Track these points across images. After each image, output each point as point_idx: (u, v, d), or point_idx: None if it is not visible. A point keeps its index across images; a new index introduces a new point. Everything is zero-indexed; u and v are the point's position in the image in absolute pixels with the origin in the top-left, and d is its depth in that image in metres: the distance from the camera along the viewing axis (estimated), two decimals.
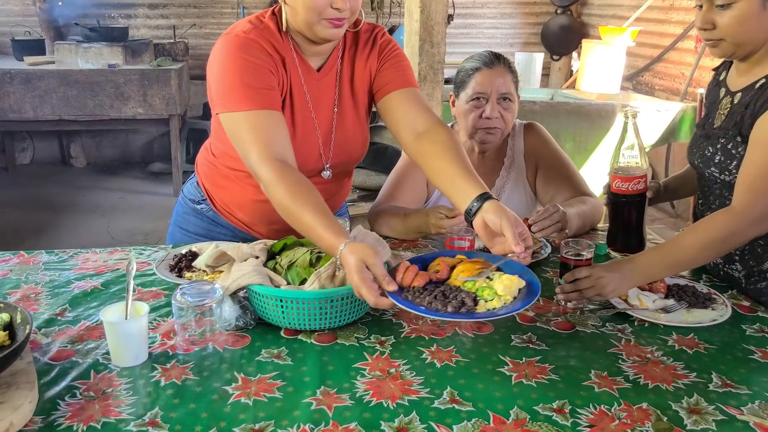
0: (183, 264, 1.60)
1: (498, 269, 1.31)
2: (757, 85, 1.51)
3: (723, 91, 1.66)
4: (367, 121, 1.72)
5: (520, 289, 1.25)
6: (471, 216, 1.33)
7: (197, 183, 1.83)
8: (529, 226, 1.70)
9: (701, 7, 1.50)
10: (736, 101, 1.58)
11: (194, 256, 1.63)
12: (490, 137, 1.95)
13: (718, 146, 1.58)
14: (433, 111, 1.64)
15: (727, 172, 1.56)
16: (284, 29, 1.54)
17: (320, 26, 1.46)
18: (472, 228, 1.36)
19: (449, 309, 1.20)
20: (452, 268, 1.32)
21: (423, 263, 1.36)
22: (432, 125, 1.55)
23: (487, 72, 1.91)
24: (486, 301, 1.21)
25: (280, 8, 1.54)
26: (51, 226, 4.94)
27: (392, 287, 1.22)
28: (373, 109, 1.73)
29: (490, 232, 1.30)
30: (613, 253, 1.78)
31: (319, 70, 1.62)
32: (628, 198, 1.63)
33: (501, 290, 1.22)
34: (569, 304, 1.46)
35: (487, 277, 1.26)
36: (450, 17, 3.44)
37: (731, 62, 1.65)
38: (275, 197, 1.38)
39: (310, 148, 1.63)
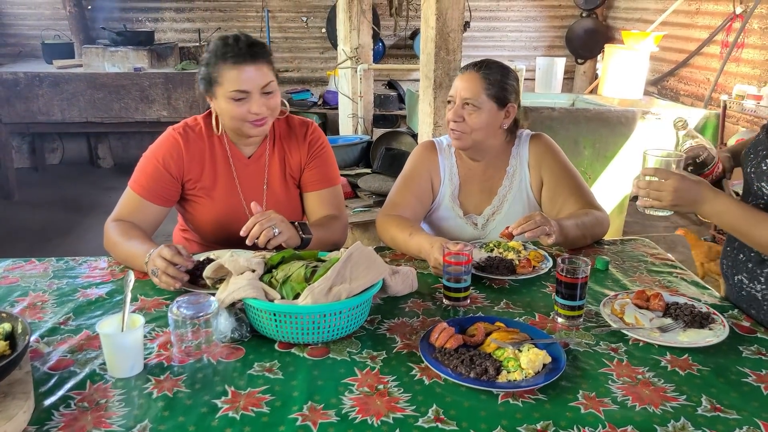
0: (199, 272, 1.62)
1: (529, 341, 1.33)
2: None
3: None
4: (298, 194, 2.06)
5: (545, 364, 1.28)
6: None
7: None
8: (511, 235, 1.69)
9: None
10: None
11: (211, 263, 1.65)
12: (456, 142, 2.00)
13: None
14: (342, 206, 2.06)
15: None
16: (219, 131, 1.92)
17: (245, 128, 1.83)
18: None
19: (471, 375, 1.24)
20: (488, 334, 1.36)
21: (461, 326, 1.41)
22: (329, 218, 1.97)
23: (458, 77, 1.98)
24: (508, 372, 1.25)
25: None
26: (77, 226, 5.06)
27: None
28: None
29: None
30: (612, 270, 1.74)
31: (249, 157, 1.96)
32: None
33: (525, 363, 1.25)
34: (639, 199, 1.50)
35: (518, 349, 1.29)
36: (467, 24, 3.44)
37: None
38: (109, 235, 1.79)
39: (235, 219, 1.89)
